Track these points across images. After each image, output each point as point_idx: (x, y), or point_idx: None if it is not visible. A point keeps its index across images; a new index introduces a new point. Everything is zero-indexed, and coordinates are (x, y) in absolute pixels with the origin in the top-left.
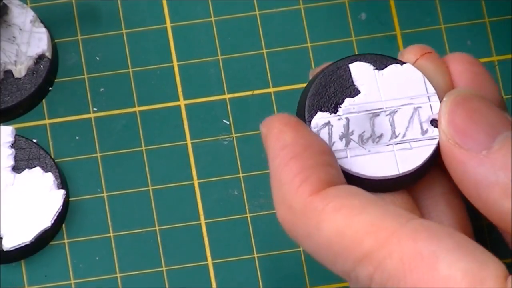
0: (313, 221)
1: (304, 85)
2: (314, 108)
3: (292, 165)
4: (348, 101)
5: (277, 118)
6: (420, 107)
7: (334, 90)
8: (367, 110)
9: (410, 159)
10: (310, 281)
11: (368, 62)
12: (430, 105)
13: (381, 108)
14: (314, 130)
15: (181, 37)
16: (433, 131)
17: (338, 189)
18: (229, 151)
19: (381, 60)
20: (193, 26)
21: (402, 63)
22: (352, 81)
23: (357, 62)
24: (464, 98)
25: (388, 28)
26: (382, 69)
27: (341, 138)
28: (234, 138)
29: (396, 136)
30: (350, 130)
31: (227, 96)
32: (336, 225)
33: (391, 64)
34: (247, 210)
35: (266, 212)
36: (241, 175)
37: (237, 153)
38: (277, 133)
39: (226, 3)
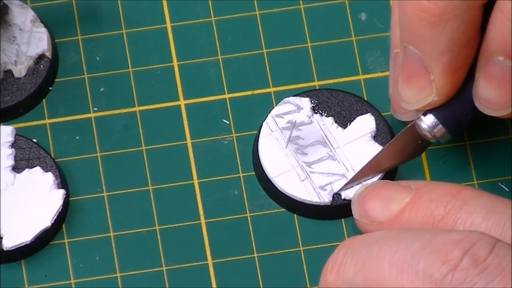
0: None
1: (304, 84)
2: None
3: None
4: None
5: None
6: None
7: None
8: None
9: None
10: (310, 281)
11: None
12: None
13: None
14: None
15: (181, 37)
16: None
17: None
18: (229, 151)
19: None
20: (193, 26)
21: None
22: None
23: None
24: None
25: (388, 28)
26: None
27: None
28: (234, 138)
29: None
30: None
31: (227, 96)
32: None
33: None
34: (247, 210)
35: (266, 212)
36: (241, 175)
37: (237, 153)
38: None
39: (226, 3)
